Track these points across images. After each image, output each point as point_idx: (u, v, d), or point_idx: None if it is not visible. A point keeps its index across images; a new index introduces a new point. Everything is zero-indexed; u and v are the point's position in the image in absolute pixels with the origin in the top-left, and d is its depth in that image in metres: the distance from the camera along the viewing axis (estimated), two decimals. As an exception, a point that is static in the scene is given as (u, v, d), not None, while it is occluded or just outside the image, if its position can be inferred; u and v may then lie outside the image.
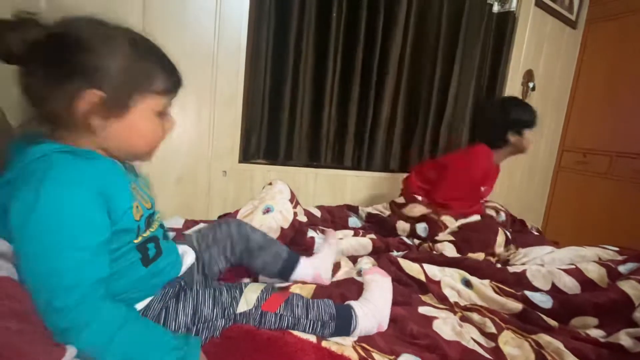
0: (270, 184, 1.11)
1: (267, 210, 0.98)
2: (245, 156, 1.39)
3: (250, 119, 1.38)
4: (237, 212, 1.01)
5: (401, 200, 1.27)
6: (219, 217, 1.23)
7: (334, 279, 0.85)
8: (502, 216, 1.35)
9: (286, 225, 0.97)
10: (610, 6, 2.41)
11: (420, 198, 1.26)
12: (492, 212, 1.35)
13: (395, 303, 0.72)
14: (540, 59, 2.34)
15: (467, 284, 0.87)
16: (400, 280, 0.85)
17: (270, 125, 1.43)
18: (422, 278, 0.84)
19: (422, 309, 0.75)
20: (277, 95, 1.41)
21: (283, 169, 1.47)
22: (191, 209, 1.25)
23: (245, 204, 1.04)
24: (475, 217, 1.20)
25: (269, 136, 1.44)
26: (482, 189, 1.32)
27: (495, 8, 2.01)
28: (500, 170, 1.45)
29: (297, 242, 0.98)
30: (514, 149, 1.32)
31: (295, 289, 0.74)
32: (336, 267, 0.90)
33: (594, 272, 0.87)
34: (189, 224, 1.13)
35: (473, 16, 1.88)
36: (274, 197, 1.03)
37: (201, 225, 0.98)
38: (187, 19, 1.15)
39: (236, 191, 1.35)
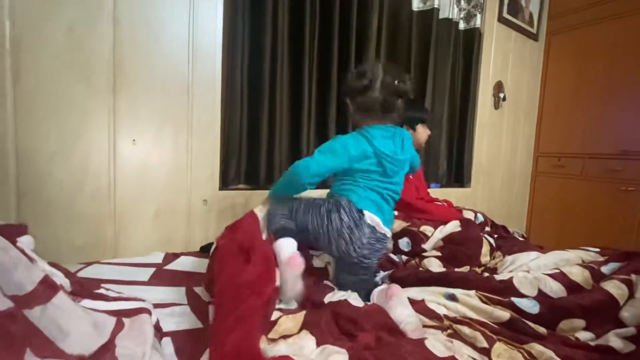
0: None
1: None
2: (226, 183, 1.37)
3: (228, 145, 1.37)
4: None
5: None
6: (201, 247, 1.20)
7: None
8: (480, 217, 1.37)
9: None
10: (567, 19, 2.58)
11: (396, 213, 1.28)
12: (470, 214, 1.38)
13: (385, 329, 0.71)
14: (507, 70, 2.45)
15: (452, 297, 0.86)
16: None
17: (250, 149, 1.43)
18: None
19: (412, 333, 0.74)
20: (255, 119, 1.42)
21: (265, 192, 1.45)
22: (171, 242, 1.21)
23: (258, 210, 1.03)
24: (455, 224, 1.21)
25: (249, 161, 1.43)
26: (411, 176, 1.45)
27: (461, 26, 2.12)
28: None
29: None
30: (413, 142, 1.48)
31: (284, 319, 0.72)
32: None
33: (578, 274, 0.87)
34: (170, 257, 1.10)
35: (441, 35, 1.97)
36: None
37: None
38: (160, 49, 1.15)
39: (218, 219, 1.32)
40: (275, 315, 0.73)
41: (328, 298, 0.86)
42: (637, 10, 2.22)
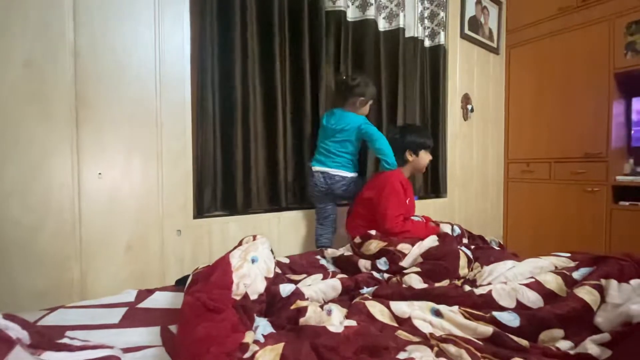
0: (254, 238, 1.08)
1: (252, 261, 0.95)
2: (200, 211, 1.34)
3: (202, 172, 1.34)
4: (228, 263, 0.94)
5: (358, 240, 1.30)
6: (177, 281, 1.15)
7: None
8: (457, 230, 1.40)
9: (270, 275, 0.95)
10: (524, 33, 2.75)
11: (374, 233, 1.28)
12: (447, 227, 1.40)
13: (367, 352, 0.69)
14: (473, 83, 2.56)
15: (437, 313, 0.86)
16: (374, 325, 0.82)
17: (225, 175, 1.41)
18: (394, 323, 0.84)
19: (401, 355, 0.72)
20: (229, 144, 1.40)
21: (243, 217, 1.43)
22: (144, 276, 1.15)
23: (233, 257, 0.98)
24: (433, 239, 1.22)
25: (224, 187, 1.41)
26: (407, 201, 1.47)
27: (427, 43, 2.20)
28: (411, 184, 1.64)
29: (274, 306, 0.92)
30: (413, 167, 1.57)
31: (262, 353, 0.69)
32: (303, 310, 0.86)
33: (552, 282, 0.90)
34: (143, 294, 1.05)
35: (408, 53, 2.04)
36: (257, 249, 1.00)
37: None
38: (125, 79, 1.13)
39: (193, 249, 1.27)
40: (251, 349, 0.70)
41: (304, 319, 0.84)
42: (586, 23, 2.40)
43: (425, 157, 1.55)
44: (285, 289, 0.93)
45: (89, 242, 1.05)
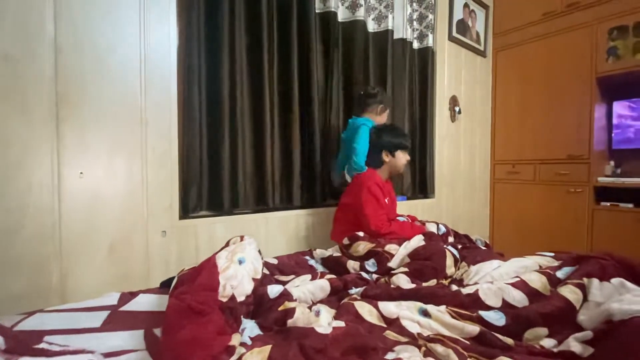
0: (241, 239, 1.06)
1: (239, 262, 0.93)
2: (186, 211, 1.31)
3: (188, 172, 1.32)
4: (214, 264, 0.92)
5: (347, 241, 1.30)
6: (162, 283, 1.13)
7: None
8: (442, 229, 1.41)
9: (258, 276, 0.93)
10: (510, 37, 2.80)
11: (362, 234, 1.29)
12: (432, 226, 1.41)
13: (355, 353, 0.69)
14: (461, 85, 2.60)
15: (425, 313, 0.86)
16: (362, 326, 0.82)
17: (211, 175, 1.39)
18: (382, 323, 0.83)
19: (389, 355, 0.72)
20: (216, 143, 1.38)
21: (230, 218, 1.41)
22: (128, 278, 1.13)
23: (219, 258, 0.96)
24: (419, 239, 1.23)
25: (210, 187, 1.39)
26: (386, 200, 1.47)
27: (415, 45, 2.22)
28: (392, 185, 1.65)
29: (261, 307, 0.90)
30: (391, 167, 1.55)
31: (249, 356, 0.68)
32: (291, 311, 0.85)
33: (537, 281, 0.91)
34: (126, 297, 1.02)
35: (397, 54, 2.05)
36: (244, 249, 0.98)
37: None
38: (109, 76, 1.10)
39: (179, 251, 1.25)
40: (238, 352, 0.69)
41: (292, 321, 0.83)
42: (570, 28, 2.46)
43: (402, 158, 1.54)
44: (273, 290, 0.92)
45: (69, 243, 1.02)
